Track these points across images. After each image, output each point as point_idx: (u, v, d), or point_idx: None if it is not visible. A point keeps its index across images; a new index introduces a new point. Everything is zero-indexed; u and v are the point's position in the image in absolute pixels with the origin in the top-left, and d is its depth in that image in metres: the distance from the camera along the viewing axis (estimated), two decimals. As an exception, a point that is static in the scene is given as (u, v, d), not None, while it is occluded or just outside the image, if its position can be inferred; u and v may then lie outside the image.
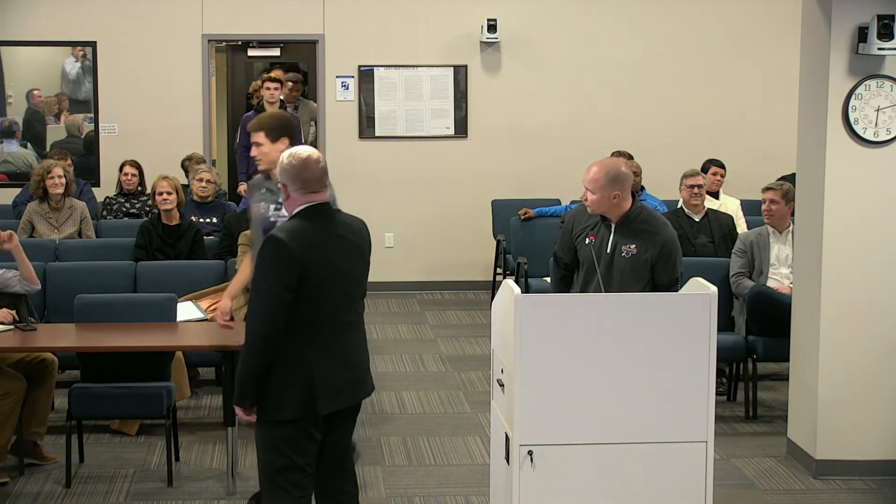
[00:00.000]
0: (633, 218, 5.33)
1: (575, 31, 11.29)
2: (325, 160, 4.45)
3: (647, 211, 5.40)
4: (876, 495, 6.04)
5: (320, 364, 4.27)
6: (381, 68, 11.19)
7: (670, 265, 5.28)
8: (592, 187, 5.28)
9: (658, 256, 5.27)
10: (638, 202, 5.38)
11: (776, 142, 10.98)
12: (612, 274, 5.33)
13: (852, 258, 6.17)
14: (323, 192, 4.39)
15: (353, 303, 4.42)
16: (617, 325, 4.46)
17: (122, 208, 9.72)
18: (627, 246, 5.30)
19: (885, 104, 6.11)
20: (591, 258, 5.40)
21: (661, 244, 5.27)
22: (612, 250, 5.33)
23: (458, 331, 9.51)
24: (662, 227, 5.35)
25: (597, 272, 5.35)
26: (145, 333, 6.32)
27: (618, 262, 5.31)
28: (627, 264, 5.29)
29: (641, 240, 5.28)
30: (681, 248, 5.41)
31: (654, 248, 5.26)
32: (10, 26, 10.96)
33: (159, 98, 11.07)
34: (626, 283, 5.32)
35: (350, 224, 4.47)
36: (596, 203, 5.30)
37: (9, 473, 6.21)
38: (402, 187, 11.28)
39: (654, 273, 5.29)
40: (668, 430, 4.49)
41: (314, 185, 4.35)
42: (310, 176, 4.34)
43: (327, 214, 4.38)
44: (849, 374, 6.22)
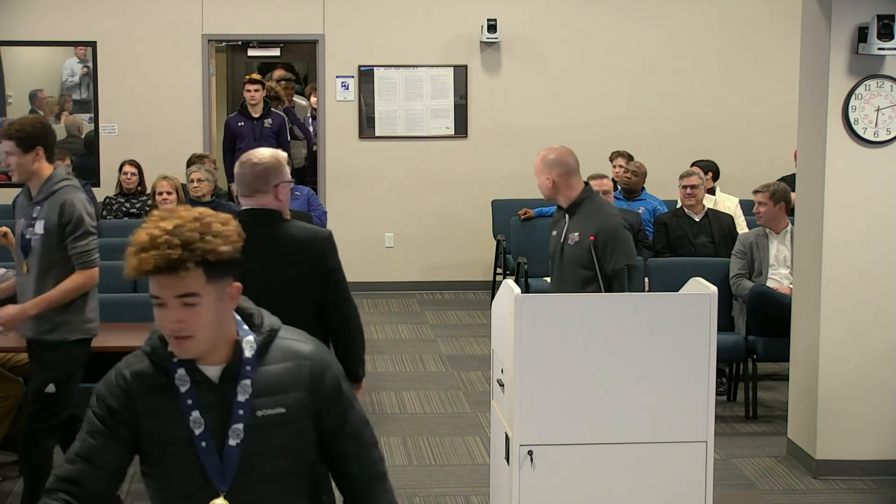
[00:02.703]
0: (579, 205, 5.41)
1: (575, 31, 11.29)
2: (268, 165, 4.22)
3: (595, 200, 5.46)
4: (876, 495, 6.05)
5: None
6: (381, 68, 11.19)
7: (608, 254, 5.28)
8: (534, 172, 5.49)
9: (594, 243, 5.29)
10: (587, 189, 5.43)
11: (776, 142, 10.98)
12: (564, 263, 5.41)
13: (852, 258, 6.17)
14: (255, 198, 4.22)
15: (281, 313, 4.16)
16: (617, 325, 4.46)
17: (122, 208, 9.72)
18: (573, 234, 5.37)
19: (885, 104, 6.11)
20: (551, 249, 5.54)
21: (597, 231, 5.28)
22: (563, 239, 5.42)
23: (458, 331, 9.51)
24: (602, 215, 5.38)
25: (555, 263, 5.47)
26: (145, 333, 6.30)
27: (566, 251, 5.42)
28: (573, 252, 5.36)
29: (583, 226, 5.35)
30: (627, 241, 5.37)
31: (590, 234, 5.29)
32: (10, 26, 10.95)
33: (159, 98, 11.07)
34: (571, 272, 5.38)
35: (290, 237, 4.24)
36: (540, 187, 5.48)
37: (9, 473, 6.20)
38: (402, 187, 11.28)
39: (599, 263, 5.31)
40: (668, 430, 4.49)
41: (243, 188, 4.25)
42: (240, 180, 4.25)
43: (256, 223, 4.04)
44: (849, 374, 6.22)
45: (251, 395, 2.58)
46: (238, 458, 2.56)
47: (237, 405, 2.57)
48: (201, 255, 2.48)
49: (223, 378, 2.59)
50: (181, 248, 2.46)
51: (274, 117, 10.38)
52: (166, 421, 2.57)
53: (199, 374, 2.60)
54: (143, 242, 2.48)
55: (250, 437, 2.56)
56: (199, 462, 2.55)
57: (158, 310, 2.54)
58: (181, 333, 2.53)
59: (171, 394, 2.58)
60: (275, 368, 2.62)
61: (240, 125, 10.29)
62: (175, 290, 2.50)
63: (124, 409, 2.60)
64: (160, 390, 2.59)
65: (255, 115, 10.28)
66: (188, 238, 2.48)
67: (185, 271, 2.47)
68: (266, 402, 2.59)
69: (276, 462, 2.61)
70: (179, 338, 2.54)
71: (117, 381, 2.65)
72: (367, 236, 11.02)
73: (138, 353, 2.69)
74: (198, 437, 2.55)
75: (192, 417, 2.56)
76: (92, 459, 2.60)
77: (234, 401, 2.57)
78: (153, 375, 2.61)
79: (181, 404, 2.57)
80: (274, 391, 2.60)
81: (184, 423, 2.56)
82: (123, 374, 2.65)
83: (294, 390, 2.61)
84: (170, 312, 2.52)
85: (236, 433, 2.56)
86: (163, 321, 2.55)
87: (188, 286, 2.50)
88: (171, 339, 2.55)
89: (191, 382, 2.58)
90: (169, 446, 2.57)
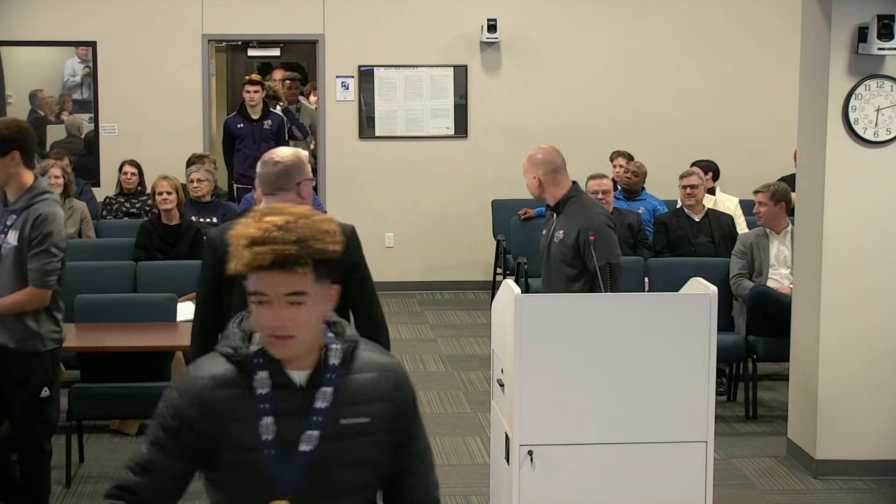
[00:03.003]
0: (566, 203, 5.44)
1: (575, 31, 11.29)
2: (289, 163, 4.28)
3: (581, 198, 5.49)
4: (876, 495, 6.05)
5: None
6: (381, 68, 11.19)
7: (589, 251, 5.29)
8: (523, 171, 5.53)
9: (576, 240, 5.31)
10: (574, 188, 5.45)
11: (776, 142, 10.98)
12: (550, 261, 5.45)
13: (852, 258, 6.17)
14: (277, 195, 4.26)
15: None
16: (617, 325, 4.46)
17: (122, 208, 9.72)
18: (558, 232, 5.41)
19: (885, 104, 6.11)
20: (541, 248, 5.60)
21: (579, 228, 5.31)
22: (550, 238, 5.46)
23: (458, 331, 9.51)
24: (586, 213, 5.40)
25: (544, 261, 5.52)
26: (145, 333, 6.32)
27: (552, 249, 5.46)
28: (558, 250, 5.41)
29: (568, 224, 5.38)
30: (610, 239, 5.38)
31: (574, 232, 5.32)
32: (10, 26, 10.95)
33: (159, 98, 11.06)
34: (557, 269, 5.42)
35: None
36: (527, 186, 5.53)
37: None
38: (402, 187, 11.28)
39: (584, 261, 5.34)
40: (668, 430, 4.49)
41: (266, 187, 4.29)
42: (263, 179, 4.30)
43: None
44: (849, 374, 6.22)
45: (334, 404, 2.51)
46: (309, 466, 2.50)
47: (314, 412, 2.50)
48: (315, 253, 2.42)
49: (309, 383, 2.52)
50: (296, 244, 2.40)
51: (273, 118, 10.38)
52: (239, 425, 2.49)
53: (285, 377, 2.51)
54: (254, 236, 2.41)
55: (329, 445, 2.50)
56: (267, 469, 2.49)
57: (261, 308, 2.45)
58: (284, 333, 2.45)
59: (248, 397, 2.50)
60: (360, 378, 2.56)
61: (239, 126, 10.28)
62: (284, 288, 2.42)
63: (197, 415, 2.50)
64: (238, 393, 2.50)
65: (254, 117, 10.28)
66: (303, 234, 2.42)
67: (300, 268, 2.41)
68: (350, 411, 2.53)
69: (354, 472, 2.55)
70: (280, 337, 2.45)
71: (192, 385, 2.53)
72: (367, 236, 10.90)
73: (214, 356, 2.57)
74: (266, 443, 2.48)
75: (264, 423, 2.48)
76: (153, 470, 2.53)
77: (311, 407, 2.51)
78: (233, 378, 2.52)
79: (256, 408, 2.49)
80: (358, 400, 2.54)
81: (255, 429, 2.48)
82: (200, 377, 2.53)
83: (377, 401, 2.56)
84: (275, 311, 2.43)
85: (309, 440, 2.49)
86: (264, 319, 2.45)
87: (298, 284, 2.43)
88: (269, 338, 2.47)
89: (272, 386, 2.50)
90: (238, 452, 2.50)
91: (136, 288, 7.68)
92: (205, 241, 4.30)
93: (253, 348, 2.53)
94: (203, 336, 4.31)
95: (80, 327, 6.44)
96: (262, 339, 2.49)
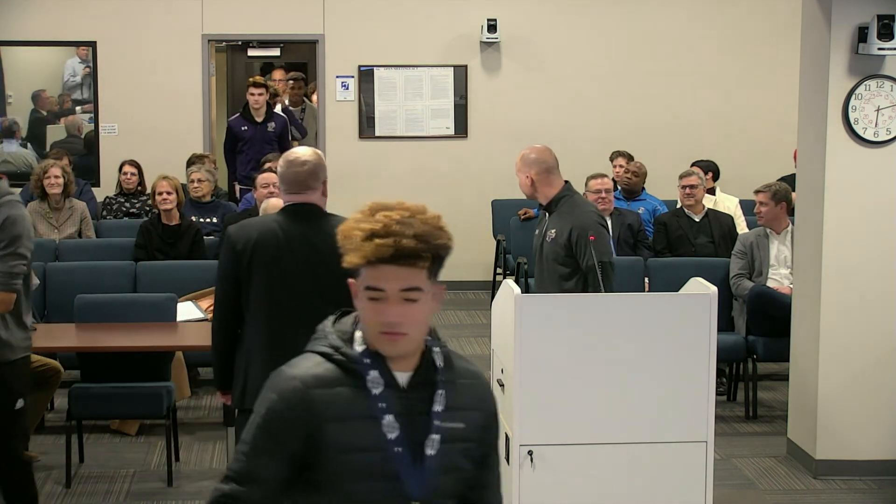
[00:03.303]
0: (558, 202, 5.44)
1: (575, 31, 11.28)
2: (315, 163, 4.40)
3: (573, 197, 5.50)
4: (876, 495, 6.04)
5: (258, 359, 4.28)
6: (381, 68, 11.19)
7: (581, 249, 5.30)
8: (515, 171, 5.52)
9: (568, 239, 5.32)
10: (567, 188, 5.46)
11: (776, 142, 10.97)
12: (543, 260, 5.46)
13: (852, 258, 6.17)
14: (306, 194, 4.36)
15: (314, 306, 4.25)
16: (617, 325, 4.46)
17: (122, 208, 9.72)
18: (550, 231, 5.41)
19: (885, 104, 6.11)
20: (534, 248, 5.60)
21: (571, 227, 5.32)
22: (543, 237, 5.47)
23: (458, 331, 9.50)
24: (578, 212, 5.40)
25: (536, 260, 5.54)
26: (145, 333, 6.32)
27: (545, 248, 5.47)
28: (551, 249, 5.42)
29: (560, 223, 5.38)
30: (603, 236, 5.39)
31: (566, 231, 5.32)
32: (10, 26, 10.95)
33: (159, 98, 11.06)
34: (550, 268, 5.44)
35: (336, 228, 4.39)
36: (520, 185, 5.52)
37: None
38: (402, 187, 11.25)
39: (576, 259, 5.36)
40: (668, 430, 4.49)
41: (294, 186, 4.37)
42: (291, 178, 4.37)
43: (302, 215, 4.35)
44: (849, 373, 6.22)
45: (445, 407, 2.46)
46: (434, 470, 2.42)
47: (434, 415, 2.43)
48: (434, 249, 2.40)
49: (411, 384, 2.44)
50: (416, 238, 2.36)
51: (276, 120, 10.34)
52: (355, 426, 2.39)
53: (392, 378, 2.43)
54: (375, 229, 2.35)
55: (441, 449, 2.44)
56: (391, 469, 2.39)
57: (375, 304, 2.38)
58: (398, 329, 2.37)
59: (362, 397, 2.40)
60: (460, 383, 2.50)
61: (243, 129, 10.21)
62: (402, 283, 2.37)
63: (301, 418, 2.39)
64: (348, 393, 2.40)
65: (257, 119, 10.22)
66: (422, 230, 2.38)
67: (422, 262, 2.37)
68: (449, 416, 2.46)
69: (450, 479, 2.47)
70: (393, 334, 2.38)
71: (293, 387, 2.40)
72: (367, 236, 10.98)
73: (310, 356, 2.47)
74: (392, 441, 2.39)
75: (386, 421, 2.39)
76: (258, 477, 2.41)
77: (429, 410, 2.43)
78: (338, 378, 2.42)
79: (373, 408, 2.40)
80: (458, 405, 2.48)
81: (375, 428, 2.39)
82: (300, 379, 2.41)
83: (471, 408, 2.51)
84: (390, 307, 2.37)
85: (433, 443, 2.42)
86: (378, 315, 2.37)
87: (415, 279, 2.38)
88: (380, 335, 2.39)
89: (383, 385, 2.42)
90: (355, 453, 2.39)
91: (136, 288, 7.68)
92: (224, 237, 4.34)
93: (358, 348, 2.45)
94: (224, 332, 4.39)
95: (80, 327, 6.44)
96: (371, 336, 2.42)
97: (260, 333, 4.29)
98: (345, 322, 2.52)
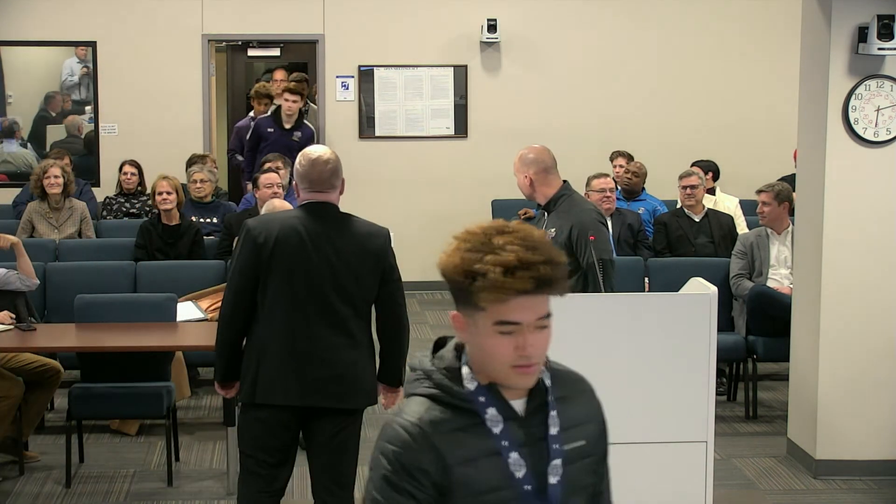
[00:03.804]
0: (557, 202, 5.42)
1: (575, 31, 11.28)
2: (337, 162, 4.46)
3: (572, 196, 5.49)
4: (876, 495, 6.04)
5: (273, 354, 4.30)
6: (381, 68, 11.19)
7: (581, 247, 5.30)
8: (514, 171, 5.50)
9: (568, 238, 5.31)
10: (565, 187, 5.45)
11: (776, 142, 10.98)
12: None
13: (852, 258, 6.17)
14: (328, 193, 4.42)
15: (331, 304, 4.35)
16: (617, 325, 4.46)
17: (122, 208, 9.72)
18: (549, 231, 5.40)
19: (885, 104, 6.11)
20: None
21: (570, 226, 5.30)
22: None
23: (458, 331, 9.48)
24: (578, 211, 5.39)
25: None
26: (145, 333, 6.32)
27: None
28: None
29: (559, 222, 5.37)
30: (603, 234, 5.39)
31: (566, 229, 5.31)
32: (10, 26, 10.95)
33: (159, 98, 11.06)
34: None
35: (357, 230, 4.44)
36: (518, 185, 5.50)
37: (9, 473, 6.21)
38: (402, 187, 11.28)
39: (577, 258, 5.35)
40: (668, 430, 4.49)
41: (318, 185, 4.40)
42: (316, 177, 4.40)
43: (322, 214, 4.39)
44: (849, 374, 6.22)
45: (561, 428, 2.35)
46: (559, 498, 2.32)
47: (552, 439, 2.32)
48: (563, 271, 2.27)
49: (528, 411, 2.33)
50: (549, 264, 2.24)
51: (304, 130, 10.06)
52: (483, 467, 2.27)
53: (510, 409, 2.31)
54: (509, 261, 2.22)
55: (565, 473, 2.34)
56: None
57: (509, 338, 2.24)
58: (532, 361, 2.26)
59: (483, 435, 2.29)
60: (571, 399, 2.41)
61: (269, 130, 10.09)
62: (538, 312, 2.25)
63: (430, 465, 2.26)
64: (469, 434, 2.29)
65: (286, 125, 10.10)
66: (549, 253, 2.26)
67: (561, 286, 2.26)
68: (571, 435, 2.36)
69: (578, 500, 2.39)
70: (529, 366, 2.26)
71: (412, 434, 2.27)
72: (367, 236, 10.98)
73: (416, 400, 2.33)
74: (520, 480, 2.28)
75: (512, 459, 2.28)
76: None
77: (546, 435, 2.32)
78: (453, 419, 2.29)
79: (496, 446, 2.28)
80: (575, 422, 2.39)
81: (502, 467, 2.28)
82: (416, 425, 2.28)
83: (588, 421, 2.42)
84: (527, 338, 2.24)
85: (556, 470, 2.32)
86: (514, 349, 2.24)
87: (547, 306, 2.27)
88: (513, 369, 2.26)
89: (503, 420, 2.30)
90: (485, 494, 2.28)
91: (136, 288, 7.68)
92: (244, 231, 4.34)
93: (469, 385, 2.32)
94: (235, 324, 4.38)
95: (80, 327, 6.44)
96: (499, 371, 2.28)
97: (276, 328, 4.30)
98: (445, 357, 2.38)
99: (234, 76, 13.15)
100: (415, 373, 2.39)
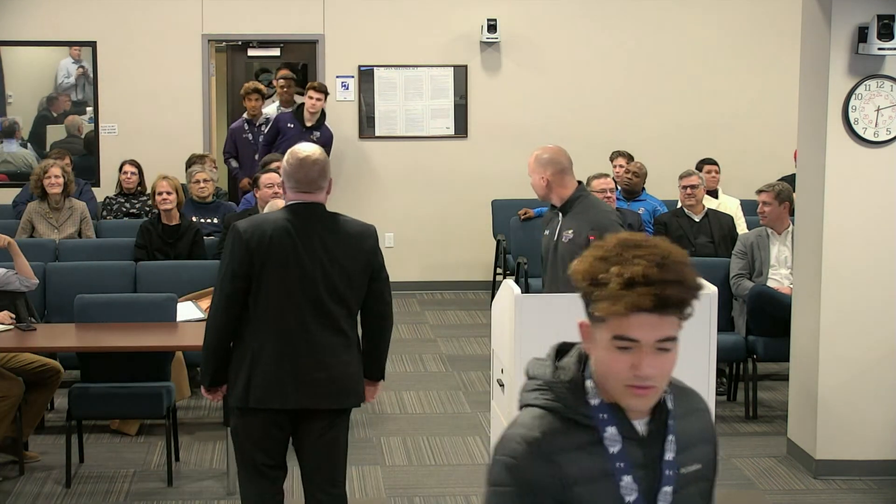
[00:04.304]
0: (573, 203, 5.41)
1: (575, 31, 11.29)
2: (325, 161, 4.42)
3: (588, 197, 5.49)
4: (876, 495, 6.04)
5: (267, 357, 4.29)
6: (381, 68, 11.19)
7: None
8: (528, 171, 5.48)
9: (586, 239, 5.30)
10: (581, 188, 5.44)
11: (776, 142, 10.98)
12: (556, 261, 5.41)
13: (852, 258, 6.17)
14: (316, 194, 4.37)
15: (324, 305, 4.34)
16: (617, 325, 4.46)
17: (122, 208, 9.72)
18: (566, 231, 5.38)
19: (885, 104, 6.11)
20: (544, 248, 5.54)
21: (590, 227, 5.29)
22: (557, 238, 5.43)
23: (458, 331, 9.50)
24: (596, 212, 5.38)
25: (548, 261, 5.47)
26: (145, 333, 6.32)
27: (560, 249, 5.42)
28: (566, 250, 5.36)
29: (577, 223, 5.35)
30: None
31: (584, 231, 5.29)
32: (10, 26, 10.96)
33: (159, 98, 11.07)
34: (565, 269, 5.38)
35: (347, 231, 4.40)
36: (533, 186, 5.48)
37: (9, 473, 6.21)
38: (402, 187, 11.28)
39: None
40: (668, 430, 4.49)
41: (305, 185, 4.36)
42: (303, 177, 4.36)
43: (312, 215, 4.35)
44: (849, 374, 6.22)
45: (677, 452, 2.27)
46: None
47: (666, 465, 2.25)
48: (696, 295, 2.19)
49: (649, 431, 2.26)
50: (679, 285, 2.17)
51: (323, 132, 10.10)
52: (597, 488, 2.20)
53: (632, 429, 2.24)
54: (633, 276, 2.15)
55: (677, 499, 2.26)
56: None
57: (624, 354, 2.18)
58: (649, 384, 2.18)
59: (600, 454, 2.21)
60: (688, 420, 2.33)
61: (289, 126, 10.09)
62: (659, 333, 2.17)
63: (549, 479, 2.19)
64: (586, 452, 2.21)
65: (307, 123, 10.11)
66: (682, 275, 2.18)
67: (686, 311, 2.18)
68: (686, 458, 2.28)
69: None
70: (644, 388, 2.18)
71: (530, 446, 2.20)
72: (367, 236, 10.98)
73: (533, 411, 2.26)
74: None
75: (624, 483, 2.21)
76: None
77: (662, 459, 2.25)
78: (573, 434, 2.22)
79: (611, 467, 2.21)
80: (691, 445, 2.30)
81: (613, 490, 2.21)
82: (533, 437, 2.21)
83: (703, 443, 2.34)
84: (643, 358, 2.17)
85: (665, 497, 2.24)
86: (629, 368, 2.18)
87: (672, 328, 2.18)
88: (628, 388, 2.19)
89: (622, 440, 2.23)
90: None
91: (136, 288, 7.68)
92: (234, 234, 4.30)
93: (592, 401, 2.24)
94: (225, 328, 4.35)
95: (80, 327, 6.44)
96: (615, 388, 2.21)
97: (269, 331, 4.29)
98: (568, 368, 2.30)
99: (234, 76, 13.15)
100: (533, 381, 2.31)
